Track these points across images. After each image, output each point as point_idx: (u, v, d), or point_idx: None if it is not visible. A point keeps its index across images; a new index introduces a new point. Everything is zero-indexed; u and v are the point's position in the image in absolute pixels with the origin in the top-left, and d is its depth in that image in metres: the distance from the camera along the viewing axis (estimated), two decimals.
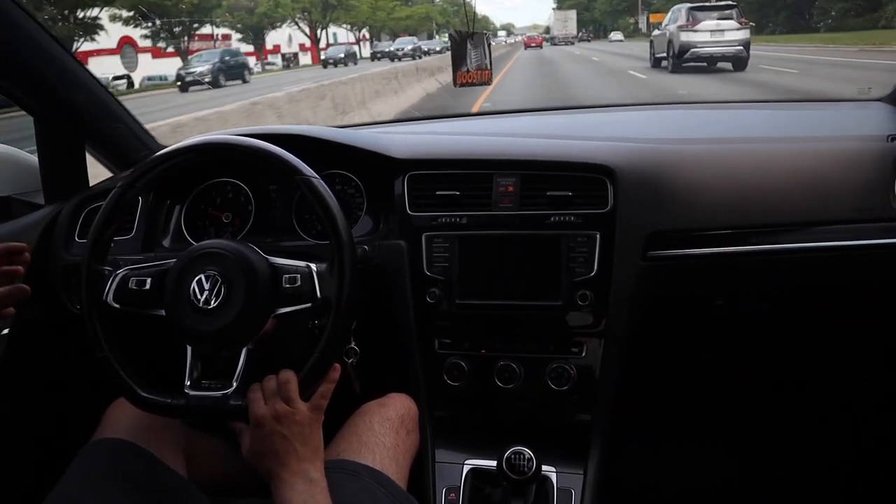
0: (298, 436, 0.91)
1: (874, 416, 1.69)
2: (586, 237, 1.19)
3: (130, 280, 0.99)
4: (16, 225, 1.37)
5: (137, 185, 1.02)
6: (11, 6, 1.14)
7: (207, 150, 1.05)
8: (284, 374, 0.93)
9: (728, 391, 1.69)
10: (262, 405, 0.91)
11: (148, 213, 1.33)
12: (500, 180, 1.24)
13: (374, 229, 1.30)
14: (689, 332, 1.50)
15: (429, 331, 1.26)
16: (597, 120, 1.92)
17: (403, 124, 2.06)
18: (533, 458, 1.08)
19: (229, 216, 1.38)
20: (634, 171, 1.22)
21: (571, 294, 1.19)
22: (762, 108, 2.02)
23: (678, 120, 1.85)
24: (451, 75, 1.57)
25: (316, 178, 0.98)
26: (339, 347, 1.00)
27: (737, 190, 1.25)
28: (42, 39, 1.23)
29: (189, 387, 0.95)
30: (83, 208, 1.37)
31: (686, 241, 1.23)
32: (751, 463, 1.69)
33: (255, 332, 0.96)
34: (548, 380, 1.23)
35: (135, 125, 1.52)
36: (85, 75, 1.34)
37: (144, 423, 1.05)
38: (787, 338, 1.57)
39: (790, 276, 1.30)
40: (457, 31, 1.42)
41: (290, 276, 0.96)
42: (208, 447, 1.15)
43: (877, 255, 1.24)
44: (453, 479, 1.21)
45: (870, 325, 1.50)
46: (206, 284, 0.94)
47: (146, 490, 0.99)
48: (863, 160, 1.26)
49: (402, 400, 1.21)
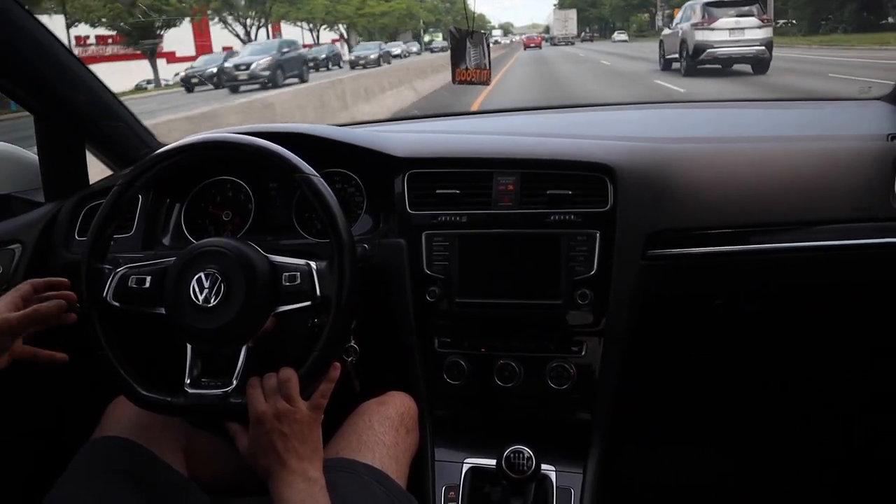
0: (298, 434, 0.91)
1: (874, 415, 1.69)
2: (586, 236, 1.19)
3: (130, 278, 0.99)
4: (16, 223, 1.37)
5: (137, 183, 1.02)
6: (12, 6, 1.14)
7: (207, 149, 1.05)
8: (285, 372, 0.93)
9: (728, 390, 1.69)
10: (261, 403, 0.91)
11: (148, 212, 1.33)
12: (500, 179, 1.24)
13: (374, 228, 1.30)
14: (689, 331, 1.50)
15: (428, 329, 1.26)
16: (597, 119, 1.92)
17: (403, 123, 2.06)
18: (532, 457, 1.08)
19: (229, 214, 1.38)
20: (634, 169, 1.22)
21: (571, 293, 1.19)
22: (762, 107, 2.02)
23: (678, 119, 1.86)
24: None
25: (316, 176, 0.98)
26: (339, 346, 1.00)
27: (737, 189, 1.25)
28: (42, 38, 1.23)
29: (189, 385, 0.95)
30: (83, 206, 1.37)
31: (686, 241, 1.23)
32: (750, 462, 1.70)
33: (255, 331, 0.96)
34: (547, 379, 1.23)
35: (135, 123, 1.52)
36: (85, 74, 1.34)
37: (144, 421, 1.05)
38: (787, 337, 1.57)
39: (790, 276, 1.30)
40: (456, 29, 1.41)
41: (290, 275, 0.96)
42: (208, 446, 1.15)
43: (877, 254, 1.24)
44: (453, 478, 1.21)
45: (870, 325, 1.50)
46: (205, 283, 0.94)
47: (146, 488, 0.99)
48: (863, 159, 1.26)
49: (402, 398, 1.21)
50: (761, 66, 11.93)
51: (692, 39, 12.21)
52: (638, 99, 10.57)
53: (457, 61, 1.39)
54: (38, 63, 1.24)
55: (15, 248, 1.32)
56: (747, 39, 11.78)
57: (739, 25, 11.82)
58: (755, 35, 11.83)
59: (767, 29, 12.05)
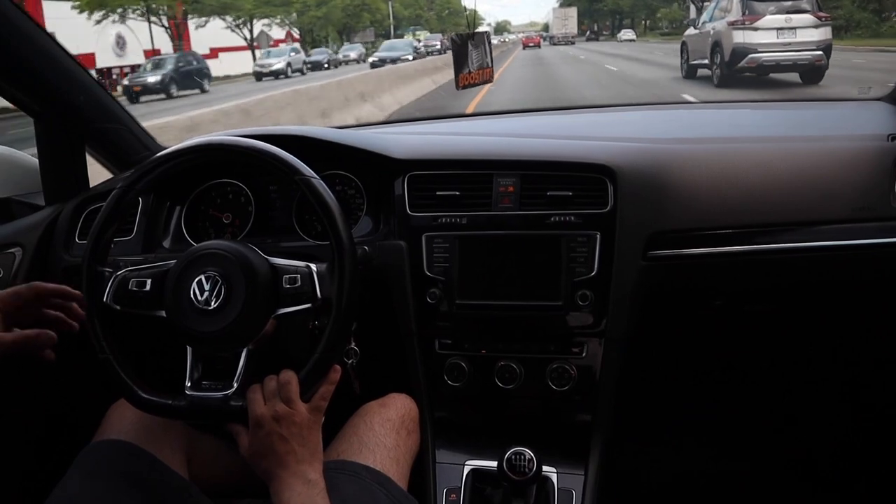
0: (297, 437, 0.91)
1: (874, 414, 1.69)
2: (586, 237, 1.19)
3: (130, 281, 0.99)
4: (16, 226, 1.37)
5: (137, 186, 1.02)
6: (11, 7, 1.15)
7: (207, 151, 1.05)
8: (285, 374, 0.93)
9: (729, 391, 1.69)
10: (261, 405, 0.91)
11: (148, 215, 1.33)
12: (500, 180, 1.24)
13: (375, 230, 1.30)
14: (690, 331, 1.50)
15: (429, 331, 1.26)
16: (597, 120, 1.92)
17: (403, 125, 2.06)
18: (534, 459, 1.08)
19: (229, 217, 1.38)
20: (635, 170, 1.22)
21: (572, 294, 1.19)
22: (762, 107, 2.02)
23: (678, 120, 1.86)
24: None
25: (316, 178, 0.98)
26: (340, 348, 1.00)
27: (737, 190, 1.25)
28: (42, 41, 1.23)
29: (189, 388, 0.95)
30: (83, 209, 1.37)
31: (686, 241, 1.23)
32: (751, 463, 1.69)
33: (256, 333, 0.96)
34: (548, 380, 1.23)
35: (135, 126, 1.52)
36: (85, 77, 1.34)
37: (145, 424, 1.05)
38: (787, 337, 1.57)
39: (790, 276, 1.30)
40: (457, 35, 1.43)
41: (291, 277, 0.96)
42: (209, 448, 1.15)
43: (877, 254, 1.24)
44: (454, 480, 1.21)
45: (869, 325, 1.50)
46: (206, 285, 0.94)
47: (147, 491, 0.99)
48: (863, 160, 1.26)
49: (403, 400, 1.21)
50: (814, 74, 9.17)
51: (729, 41, 9.51)
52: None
53: (460, 66, 1.40)
54: (37, 66, 1.24)
55: (15, 252, 1.33)
56: (800, 42, 9.01)
57: (790, 24, 9.11)
58: (810, 36, 9.03)
59: (825, 29, 9.22)
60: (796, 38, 9.04)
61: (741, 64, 9.30)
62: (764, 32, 9.20)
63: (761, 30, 9.24)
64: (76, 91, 1.33)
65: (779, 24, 9.16)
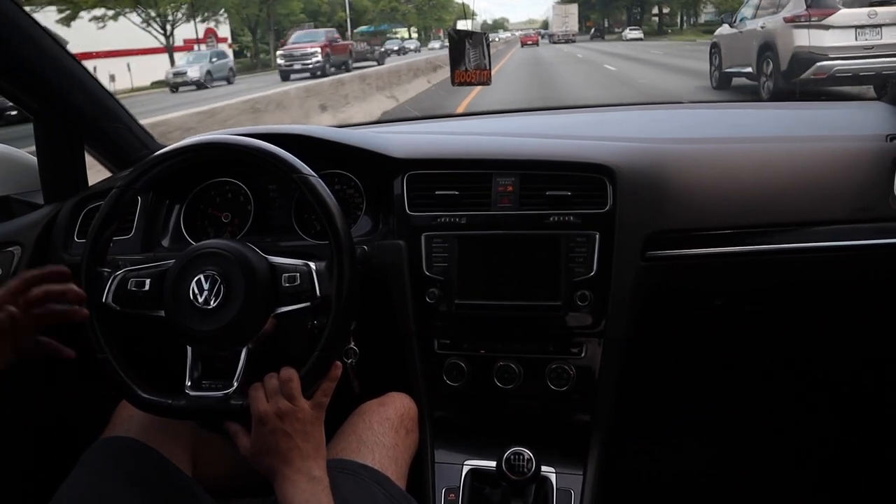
0: (301, 433, 0.91)
1: (874, 414, 1.69)
2: (586, 237, 1.19)
3: (129, 281, 0.99)
4: (15, 225, 1.37)
5: (136, 185, 1.02)
6: (11, 6, 1.14)
7: (206, 150, 1.05)
8: (286, 371, 0.93)
9: (729, 391, 1.69)
10: (264, 402, 0.91)
11: (147, 213, 1.33)
12: (499, 180, 1.24)
13: (374, 229, 1.30)
14: (689, 332, 1.50)
15: (428, 331, 1.26)
16: (596, 119, 1.92)
17: (402, 124, 2.06)
18: (532, 459, 1.08)
19: (228, 216, 1.38)
20: (634, 170, 1.22)
21: (571, 294, 1.19)
22: (762, 107, 2.02)
23: (678, 120, 1.85)
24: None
25: (314, 176, 0.98)
26: (340, 346, 1.00)
27: (737, 190, 1.25)
28: (41, 40, 1.23)
29: (189, 387, 0.95)
30: (82, 208, 1.37)
31: (686, 241, 1.23)
32: (752, 463, 1.69)
33: (255, 332, 0.96)
34: (547, 380, 1.23)
35: (134, 125, 1.52)
36: (84, 75, 1.34)
37: (153, 422, 1.05)
38: (786, 337, 1.57)
39: (790, 276, 1.30)
40: (455, 31, 1.42)
41: (290, 275, 0.96)
42: (214, 447, 1.14)
43: (877, 254, 1.24)
44: (453, 480, 1.21)
45: (869, 325, 1.50)
46: (205, 284, 0.94)
47: (153, 489, 0.99)
48: (862, 160, 1.26)
49: (402, 399, 1.21)
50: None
51: (787, 44, 6.90)
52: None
53: (456, 62, 1.39)
54: (36, 64, 1.24)
55: (14, 250, 1.32)
56: (887, 45, 6.33)
57: (874, 20, 6.42)
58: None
59: None
60: (882, 38, 6.45)
61: (806, 74, 6.68)
62: (838, 32, 6.57)
63: (834, 28, 6.59)
64: (75, 90, 1.33)
65: (859, 21, 6.50)
